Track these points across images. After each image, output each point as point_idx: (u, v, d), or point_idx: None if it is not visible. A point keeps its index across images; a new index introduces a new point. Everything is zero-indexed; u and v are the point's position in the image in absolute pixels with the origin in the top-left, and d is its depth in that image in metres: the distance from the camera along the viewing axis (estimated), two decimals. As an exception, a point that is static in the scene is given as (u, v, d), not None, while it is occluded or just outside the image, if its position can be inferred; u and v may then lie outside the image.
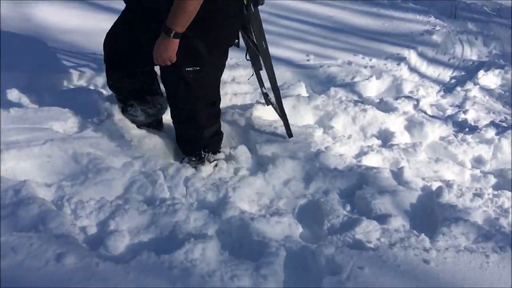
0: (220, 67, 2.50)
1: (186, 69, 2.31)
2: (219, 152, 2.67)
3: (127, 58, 2.45)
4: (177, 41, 2.14)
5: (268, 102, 3.10)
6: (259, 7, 2.56)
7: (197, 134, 2.55)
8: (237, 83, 3.57)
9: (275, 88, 2.78)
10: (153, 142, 2.67)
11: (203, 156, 2.59)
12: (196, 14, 2.10)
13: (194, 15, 2.08)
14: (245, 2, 2.39)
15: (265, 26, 4.74)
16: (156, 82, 2.69)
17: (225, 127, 2.92)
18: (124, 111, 2.66)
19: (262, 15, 5.07)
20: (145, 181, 2.38)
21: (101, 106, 2.70)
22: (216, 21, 2.25)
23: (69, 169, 2.37)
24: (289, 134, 2.85)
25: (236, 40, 2.47)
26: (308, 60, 4.17)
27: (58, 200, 2.17)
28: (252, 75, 3.00)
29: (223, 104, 3.27)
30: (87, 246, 1.93)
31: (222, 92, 3.36)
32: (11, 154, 2.33)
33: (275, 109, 2.98)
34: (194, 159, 2.59)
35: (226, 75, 3.69)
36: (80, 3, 4.41)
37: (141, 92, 2.62)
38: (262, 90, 3.06)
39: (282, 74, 3.85)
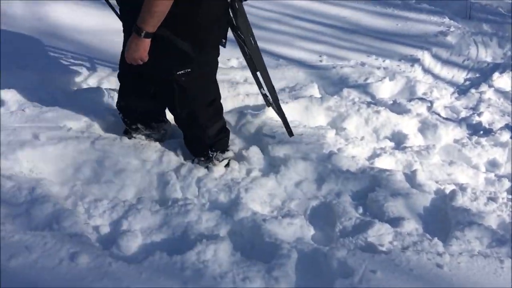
0: (211, 64, 2.43)
1: (177, 72, 2.27)
2: (228, 150, 2.65)
3: (137, 74, 2.41)
4: (148, 40, 2.09)
5: (268, 103, 3.05)
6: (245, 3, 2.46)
7: (201, 134, 2.53)
8: (249, 84, 3.56)
9: (269, 86, 2.72)
10: (166, 143, 2.68)
11: (211, 155, 2.57)
12: (177, 14, 2.05)
13: (165, 15, 2.03)
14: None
15: (278, 26, 4.81)
16: (164, 112, 2.70)
17: (237, 128, 2.93)
18: (127, 133, 2.64)
19: (274, 15, 5.12)
20: (157, 182, 2.39)
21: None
22: (199, 19, 2.18)
23: (83, 168, 2.39)
24: (289, 132, 2.82)
25: (223, 40, 2.40)
26: (320, 61, 4.15)
27: (71, 199, 2.19)
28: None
29: (235, 105, 3.31)
30: (100, 246, 1.95)
31: (234, 92, 3.40)
32: (26, 153, 2.35)
33: (273, 108, 2.95)
34: (202, 159, 2.58)
35: (238, 75, 3.70)
36: (94, 3, 4.44)
37: (148, 117, 2.61)
38: (260, 91, 3.00)
39: (295, 74, 3.85)
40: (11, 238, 1.79)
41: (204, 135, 2.53)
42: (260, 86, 2.96)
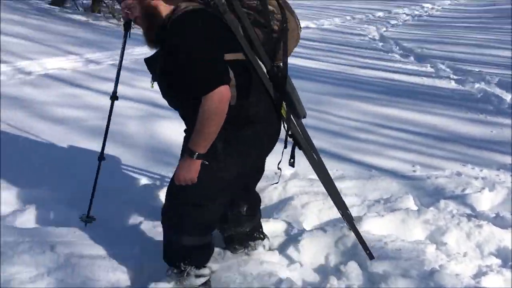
0: (226, 175, 2.24)
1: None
2: (204, 267, 2.42)
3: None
4: (199, 162, 2.10)
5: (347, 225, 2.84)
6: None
7: (174, 238, 2.32)
8: (343, 195, 3.60)
9: (338, 204, 2.64)
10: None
11: (183, 269, 2.36)
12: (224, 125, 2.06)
13: (215, 136, 2.06)
14: (284, 115, 2.31)
15: (366, 136, 4.94)
16: (260, 228, 2.79)
17: (333, 242, 2.94)
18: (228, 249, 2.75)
19: (361, 125, 5.28)
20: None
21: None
22: (244, 135, 2.20)
23: None
24: (369, 255, 2.71)
25: (292, 160, 2.41)
26: (414, 171, 4.15)
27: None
28: None
29: (331, 217, 3.35)
30: None
31: (329, 204, 3.44)
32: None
33: (348, 227, 2.83)
34: (175, 271, 2.38)
35: (332, 187, 3.79)
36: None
37: (245, 238, 2.70)
38: (339, 212, 2.79)
39: (388, 185, 3.86)
40: None
41: (178, 239, 2.31)
42: (337, 206, 2.78)
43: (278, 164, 2.46)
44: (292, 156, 2.42)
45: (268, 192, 3.58)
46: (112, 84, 3.11)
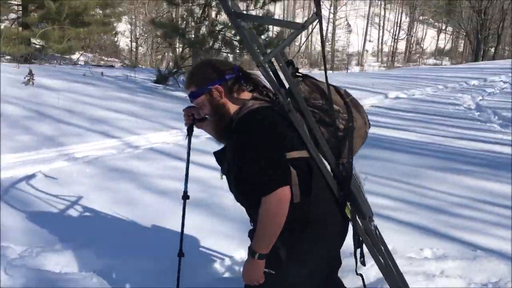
0: (292, 280, 2.21)
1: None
2: None
3: None
4: (262, 262, 2.10)
5: None
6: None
7: None
8: (446, 277, 3.47)
9: None
10: None
11: None
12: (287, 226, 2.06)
13: (276, 236, 2.05)
14: (349, 216, 2.25)
15: (468, 212, 4.74)
16: None
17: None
18: None
19: (464, 201, 5.03)
20: None
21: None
22: (307, 238, 2.16)
23: None
24: None
25: (362, 259, 2.33)
26: (523, 252, 3.87)
27: None
28: None
29: (433, 300, 3.21)
30: None
31: (432, 285, 3.32)
32: None
33: None
34: None
35: (433, 267, 3.63)
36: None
37: None
38: None
39: (496, 267, 3.62)
40: None
41: None
42: None
43: (356, 270, 2.37)
44: (362, 255, 2.36)
45: (365, 270, 3.51)
46: (207, 157, 3.26)
